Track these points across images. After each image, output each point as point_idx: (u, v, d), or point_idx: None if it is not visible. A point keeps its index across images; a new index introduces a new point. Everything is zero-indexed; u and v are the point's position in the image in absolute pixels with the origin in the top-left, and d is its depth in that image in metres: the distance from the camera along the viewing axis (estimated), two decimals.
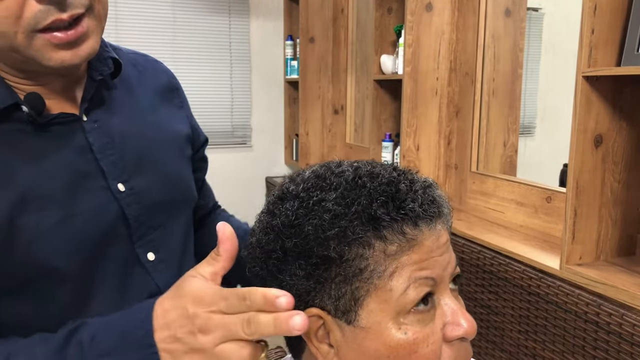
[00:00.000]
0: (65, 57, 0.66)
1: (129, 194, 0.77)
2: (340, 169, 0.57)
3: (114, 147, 0.77)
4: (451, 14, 2.11)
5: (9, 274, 0.68)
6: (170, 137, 0.89)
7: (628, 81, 1.30)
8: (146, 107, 0.87)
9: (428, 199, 0.54)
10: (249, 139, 3.46)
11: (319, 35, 3.16)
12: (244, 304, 0.51)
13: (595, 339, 1.28)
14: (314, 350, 0.56)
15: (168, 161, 0.86)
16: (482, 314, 1.66)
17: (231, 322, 0.52)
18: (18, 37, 0.63)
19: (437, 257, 0.54)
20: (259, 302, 0.50)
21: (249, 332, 0.51)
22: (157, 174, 0.83)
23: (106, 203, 0.75)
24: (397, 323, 0.53)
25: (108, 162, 0.76)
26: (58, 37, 0.64)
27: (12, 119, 0.69)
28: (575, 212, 1.32)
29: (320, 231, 0.52)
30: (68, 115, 0.73)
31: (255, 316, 0.51)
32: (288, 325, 0.49)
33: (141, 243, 0.79)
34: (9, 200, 0.66)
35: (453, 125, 2.17)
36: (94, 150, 0.75)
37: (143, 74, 0.89)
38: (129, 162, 0.78)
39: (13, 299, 0.69)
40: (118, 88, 0.83)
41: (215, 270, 0.56)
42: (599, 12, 1.24)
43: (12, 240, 0.67)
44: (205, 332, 0.52)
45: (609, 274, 1.27)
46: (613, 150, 1.33)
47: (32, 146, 0.70)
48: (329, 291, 0.53)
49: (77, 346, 0.58)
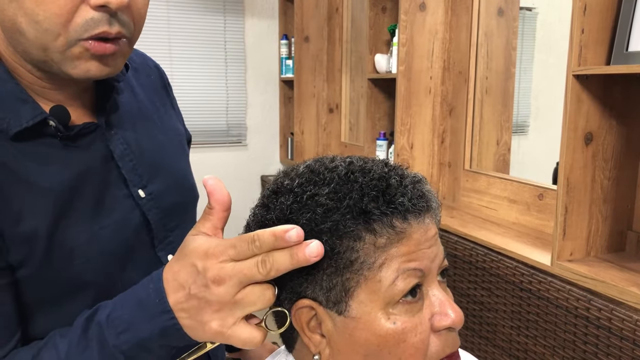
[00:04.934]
0: (92, 68, 0.65)
1: (149, 199, 0.77)
2: (334, 164, 0.59)
3: (131, 154, 0.77)
4: (444, 14, 2.13)
5: (46, 289, 0.67)
6: (173, 138, 0.89)
7: (618, 80, 1.32)
8: (149, 108, 0.86)
9: (417, 193, 0.56)
10: (244, 137, 3.47)
11: (313, 34, 3.17)
12: (253, 247, 0.51)
13: (585, 333, 1.30)
14: (306, 341, 0.58)
15: (175, 163, 0.87)
16: (475, 310, 1.68)
17: (245, 267, 0.51)
18: (59, 40, 0.62)
19: (425, 249, 0.55)
20: (269, 241, 0.50)
21: (265, 271, 0.50)
22: (169, 177, 0.83)
23: (130, 211, 0.75)
24: (386, 313, 0.54)
25: (128, 169, 0.75)
26: (97, 47, 0.63)
27: (42, 134, 0.68)
28: (566, 209, 1.33)
29: (313, 224, 0.54)
30: (91, 125, 0.72)
31: (269, 255, 0.51)
32: (305, 255, 0.50)
33: (162, 246, 0.79)
34: (47, 217, 0.66)
35: (446, 123, 2.19)
36: (115, 158, 0.74)
37: (138, 72, 0.89)
38: (145, 167, 0.78)
39: (44, 314, 0.68)
40: (124, 91, 0.82)
41: (213, 223, 0.55)
42: (589, 12, 1.26)
43: (51, 256, 0.66)
44: (219, 283, 0.51)
45: (599, 270, 1.29)
46: (603, 148, 1.35)
47: (62, 159, 0.69)
48: (320, 282, 0.55)
49: (96, 327, 0.58)
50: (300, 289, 0.56)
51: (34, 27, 0.61)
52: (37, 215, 0.65)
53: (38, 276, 0.66)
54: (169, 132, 0.88)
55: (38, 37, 0.62)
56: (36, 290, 0.67)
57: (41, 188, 0.66)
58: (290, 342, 0.63)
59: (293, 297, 0.56)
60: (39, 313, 0.68)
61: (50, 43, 0.62)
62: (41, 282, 0.67)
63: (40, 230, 0.65)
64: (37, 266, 0.65)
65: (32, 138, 0.67)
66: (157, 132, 0.85)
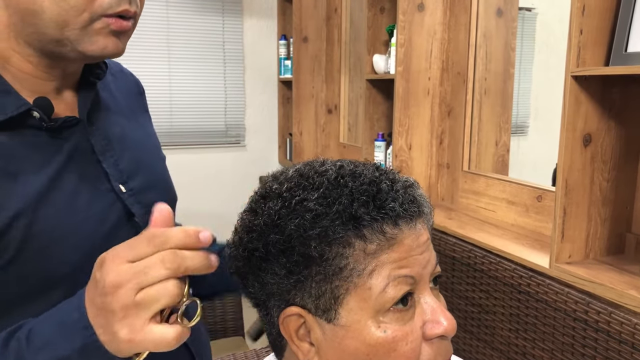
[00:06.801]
0: (109, 44, 0.69)
1: (130, 194, 0.78)
2: (324, 168, 0.58)
3: (112, 150, 0.78)
4: (443, 14, 2.12)
5: (22, 282, 0.67)
6: (151, 140, 0.91)
7: (616, 81, 1.31)
8: (125, 112, 0.88)
9: (408, 198, 0.55)
10: (243, 138, 3.46)
11: (312, 35, 3.16)
12: (153, 245, 0.50)
13: (583, 336, 1.29)
14: (294, 349, 0.57)
15: (155, 163, 0.88)
16: (473, 312, 1.67)
17: (143, 265, 0.50)
18: (83, 15, 0.65)
19: (417, 255, 0.54)
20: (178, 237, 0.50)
21: (173, 266, 0.49)
22: (150, 176, 0.84)
23: (111, 204, 0.75)
24: (376, 321, 0.53)
25: (110, 164, 0.77)
26: (118, 23, 0.68)
27: (26, 125, 0.69)
28: (565, 210, 1.32)
29: (302, 230, 0.53)
30: (73, 119, 0.74)
31: (177, 251, 0.49)
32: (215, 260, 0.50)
33: None
34: (26, 207, 0.66)
35: (445, 124, 2.18)
36: (96, 152, 0.76)
37: (116, 77, 0.91)
38: (126, 164, 0.79)
39: (23, 309, 0.67)
40: (101, 92, 0.84)
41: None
42: (588, 13, 1.25)
43: (28, 247, 0.66)
44: (117, 287, 0.50)
45: (598, 272, 1.28)
46: (602, 150, 1.34)
47: (45, 150, 0.70)
48: (309, 290, 0.54)
49: (15, 343, 0.56)
50: (288, 296, 0.55)
51: (58, 4, 0.64)
52: (16, 204, 0.65)
53: (12, 270, 0.65)
54: (147, 135, 0.91)
55: (61, 13, 0.65)
56: (8, 287, 0.66)
57: (22, 178, 0.66)
58: (279, 350, 0.61)
59: (281, 304, 0.55)
60: (6, 314, 0.66)
61: (73, 19, 0.65)
62: (14, 277, 0.65)
63: (18, 219, 0.65)
64: (11, 258, 0.65)
65: (16, 128, 0.68)
66: (136, 133, 0.86)
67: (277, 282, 0.54)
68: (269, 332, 0.61)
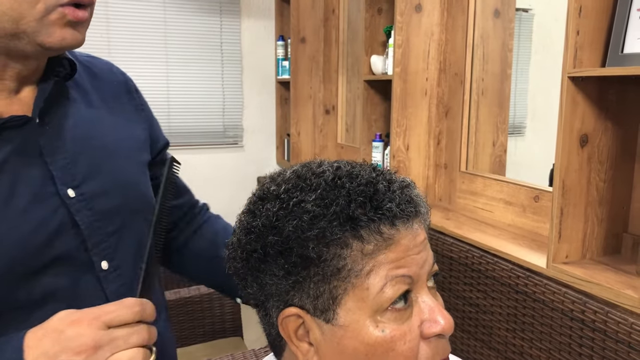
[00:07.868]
0: (67, 36, 0.68)
1: (79, 199, 0.74)
2: (321, 169, 0.58)
3: (66, 152, 0.75)
4: (440, 15, 2.12)
5: None
6: (126, 143, 0.86)
7: (613, 82, 1.31)
8: (101, 112, 0.84)
9: (405, 198, 0.55)
10: (241, 139, 3.46)
11: (310, 36, 3.16)
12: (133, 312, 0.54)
13: (580, 336, 1.29)
14: (294, 349, 0.57)
15: (123, 167, 0.84)
16: (471, 312, 1.67)
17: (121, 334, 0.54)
18: (38, 6, 0.64)
19: (414, 255, 0.55)
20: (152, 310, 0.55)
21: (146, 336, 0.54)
22: (111, 180, 0.80)
23: (54, 209, 0.72)
24: (374, 321, 0.53)
25: (58, 167, 0.74)
26: (74, 13, 0.67)
27: None
28: (562, 211, 1.33)
29: (300, 232, 0.53)
30: (20, 118, 0.71)
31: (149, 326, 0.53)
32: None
33: (97, 251, 0.76)
34: None
35: (442, 125, 2.18)
36: (44, 154, 0.73)
37: (98, 77, 0.87)
38: (81, 167, 0.76)
39: None
40: (72, 91, 0.81)
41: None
42: (584, 14, 1.25)
43: None
44: (96, 349, 0.52)
45: (595, 272, 1.29)
46: (599, 150, 1.34)
47: None
48: (307, 290, 0.54)
49: None
50: (287, 297, 0.55)
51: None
52: None
53: None
54: (122, 136, 0.86)
55: (15, 7, 0.63)
56: None
57: None
58: (278, 350, 0.62)
59: (280, 305, 0.56)
60: None
61: (28, 11, 0.64)
62: None
63: None
64: None
65: None
66: (105, 135, 0.83)
67: (275, 283, 0.55)
68: (268, 332, 0.61)
